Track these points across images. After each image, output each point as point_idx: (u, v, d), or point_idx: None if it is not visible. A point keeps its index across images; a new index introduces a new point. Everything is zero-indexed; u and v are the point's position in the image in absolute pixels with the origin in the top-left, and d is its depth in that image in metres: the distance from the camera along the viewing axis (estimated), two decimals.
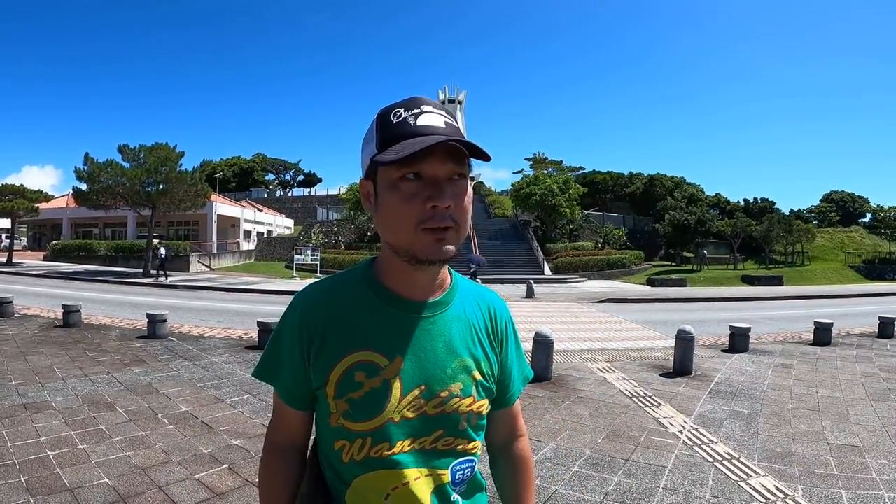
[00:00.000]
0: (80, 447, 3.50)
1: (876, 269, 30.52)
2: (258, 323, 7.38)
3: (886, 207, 37.07)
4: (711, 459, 3.60)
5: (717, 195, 45.39)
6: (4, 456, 3.30)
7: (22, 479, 2.99)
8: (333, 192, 55.52)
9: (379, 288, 0.89)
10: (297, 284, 20.50)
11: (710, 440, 3.99)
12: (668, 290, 21.86)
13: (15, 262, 26.83)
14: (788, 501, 3.00)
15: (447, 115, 0.82)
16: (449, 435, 0.87)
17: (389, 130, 0.79)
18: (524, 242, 32.84)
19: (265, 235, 42.57)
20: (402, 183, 0.78)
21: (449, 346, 0.88)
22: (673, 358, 6.48)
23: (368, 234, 33.82)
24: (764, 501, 2.99)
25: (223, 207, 38.34)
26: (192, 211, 25.56)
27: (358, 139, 0.88)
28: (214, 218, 35.74)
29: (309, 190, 68.24)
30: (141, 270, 23.12)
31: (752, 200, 44.48)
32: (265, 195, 63.50)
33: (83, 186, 21.92)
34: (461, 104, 58.19)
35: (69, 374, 5.44)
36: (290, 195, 67.14)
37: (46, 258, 31.17)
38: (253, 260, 33.90)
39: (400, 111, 0.81)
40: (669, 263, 33.56)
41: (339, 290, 0.91)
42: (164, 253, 21.47)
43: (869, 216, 48.01)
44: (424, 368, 0.86)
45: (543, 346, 5.88)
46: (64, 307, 8.64)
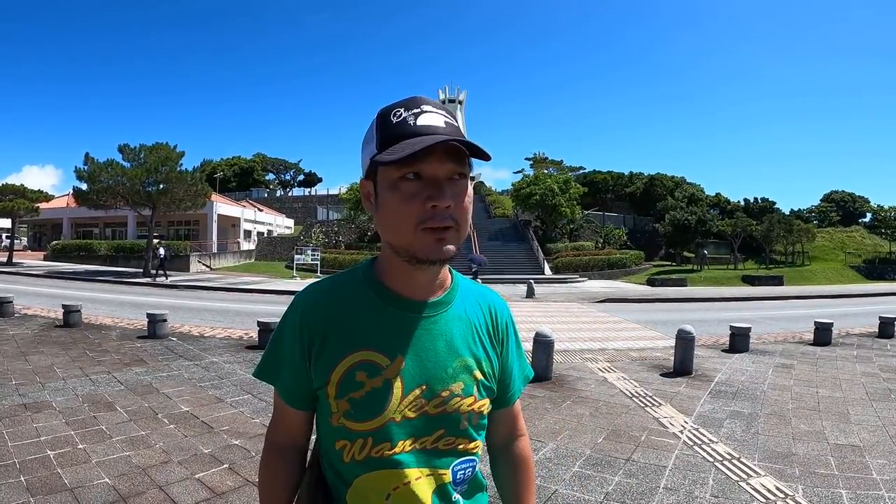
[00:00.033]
0: (80, 447, 3.51)
1: (876, 269, 30.50)
2: (258, 323, 7.38)
3: (887, 207, 37.13)
4: (712, 459, 3.60)
5: (717, 195, 45.38)
6: (5, 456, 3.30)
7: (22, 478, 2.99)
8: (334, 191, 55.56)
9: (380, 288, 0.89)
10: (297, 284, 20.51)
11: (710, 440, 3.99)
12: (668, 289, 21.85)
13: (15, 261, 26.85)
14: (789, 501, 3.00)
15: (447, 114, 0.82)
16: (450, 434, 0.87)
17: (389, 130, 0.79)
18: (524, 242, 32.84)
19: (265, 235, 42.58)
20: (402, 183, 0.78)
21: (450, 345, 0.88)
22: (673, 358, 6.48)
23: (369, 233, 33.82)
24: (764, 501, 2.99)
25: (223, 207, 38.37)
26: (192, 211, 25.57)
27: (358, 139, 0.88)
28: (215, 218, 35.77)
29: (309, 190, 68.31)
30: (141, 270, 23.13)
31: (752, 200, 44.47)
32: (265, 195, 63.55)
33: (83, 186, 21.93)
34: (461, 104, 58.20)
35: (69, 373, 5.44)
36: (290, 195, 67.18)
37: (47, 258, 31.18)
38: (253, 260, 33.89)
39: (400, 111, 0.80)
40: (670, 263, 33.54)
41: (339, 289, 0.91)
42: (163, 253, 21.45)
43: (869, 216, 48.04)
44: (425, 368, 0.86)
45: (544, 345, 5.88)
46: (64, 307, 8.65)
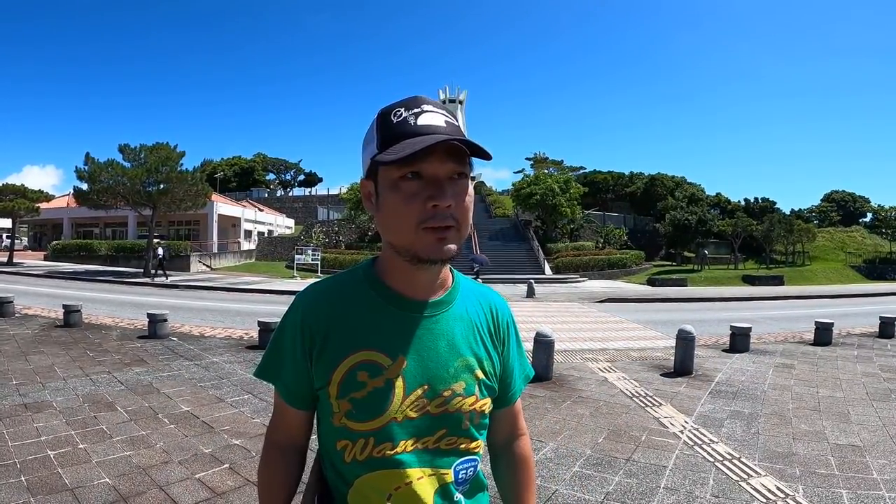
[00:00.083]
0: (80, 447, 3.51)
1: (877, 268, 30.48)
2: (259, 323, 7.38)
3: (887, 207, 37.11)
4: (712, 459, 3.60)
5: (717, 195, 45.39)
6: (5, 455, 3.30)
7: (23, 478, 2.99)
8: (334, 191, 55.51)
9: (381, 287, 0.89)
10: (297, 284, 20.51)
11: (710, 440, 3.99)
12: (668, 289, 21.83)
13: (16, 261, 26.83)
14: (789, 501, 3.00)
15: (448, 114, 0.82)
16: (452, 434, 0.87)
17: (390, 130, 0.79)
18: (525, 242, 32.84)
19: (266, 235, 42.59)
20: (402, 182, 0.78)
21: (451, 345, 0.88)
22: (674, 358, 6.48)
23: (369, 233, 33.82)
24: (765, 501, 2.99)
25: (224, 207, 38.38)
26: (192, 211, 25.56)
27: (358, 139, 0.88)
28: (215, 218, 35.78)
29: (309, 190, 68.31)
30: (142, 270, 23.12)
31: (752, 200, 44.47)
32: (266, 195, 63.55)
33: (84, 186, 21.92)
34: (462, 104, 58.12)
35: (70, 373, 5.44)
36: (290, 195, 67.18)
37: (47, 258, 31.15)
38: (253, 260, 33.88)
39: (400, 111, 0.80)
40: (670, 263, 33.52)
41: (340, 289, 0.91)
42: (161, 253, 21.42)
43: (870, 216, 48.05)
44: (427, 368, 0.86)
45: (544, 345, 5.88)
46: (65, 307, 8.65)
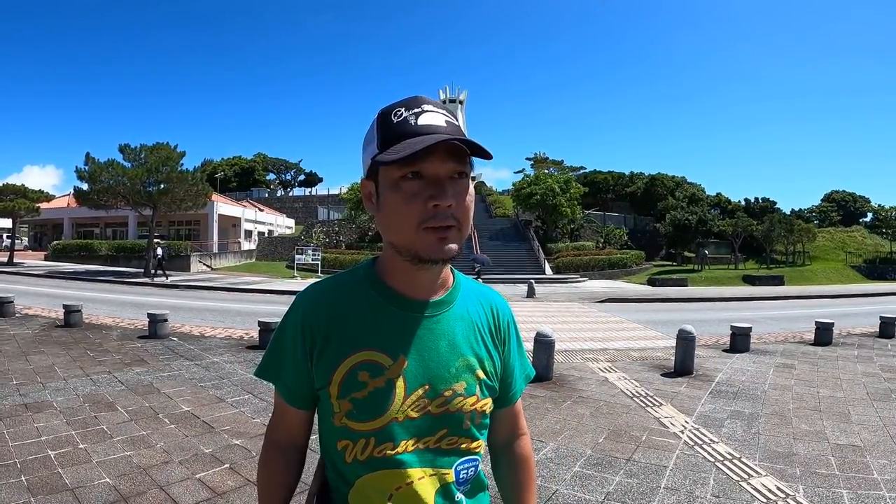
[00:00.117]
0: (81, 447, 3.51)
1: (877, 268, 30.46)
2: (259, 323, 7.38)
3: (887, 207, 37.04)
4: (713, 459, 3.60)
5: (717, 195, 45.38)
6: (5, 455, 3.30)
7: (23, 478, 2.99)
8: (334, 191, 55.53)
9: (382, 287, 0.88)
10: (298, 284, 20.51)
11: (711, 440, 3.98)
12: (669, 289, 21.83)
13: (16, 261, 26.83)
14: (790, 501, 3.00)
15: (448, 114, 0.82)
16: (453, 434, 0.87)
17: (390, 130, 0.79)
18: (525, 242, 32.83)
19: (266, 235, 42.59)
20: (403, 182, 0.78)
21: (452, 345, 0.88)
22: (674, 358, 6.48)
23: (369, 233, 33.82)
24: (765, 501, 2.98)
25: (224, 207, 38.38)
26: (193, 211, 25.56)
27: (358, 139, 0.88)
28: (215, 218, 35.77)
29: (310, 190, 68.28)
30: (142, 270, 23.12)
31: (752, 200, 44.45)
32: (266, 195, 63.56)
33: (84, 186, 21.93)
34: (462, 104, 58.10)
35: (70, 373, 5.44)
36: (290, 195, 67.19)
37: (47, 258, 31.16)
38: (254, 260, 33.89)
39: (401, 111, 0.80)
40: (670, 263, 33.52)
41: (341, 289, 0.90)
42: (160, 253, 21.41)
43: (870, 216, 48.00)
44: (428, 368, 0.86)
45: (544, 345, 5.88)
46: (65, 307, 8.65)
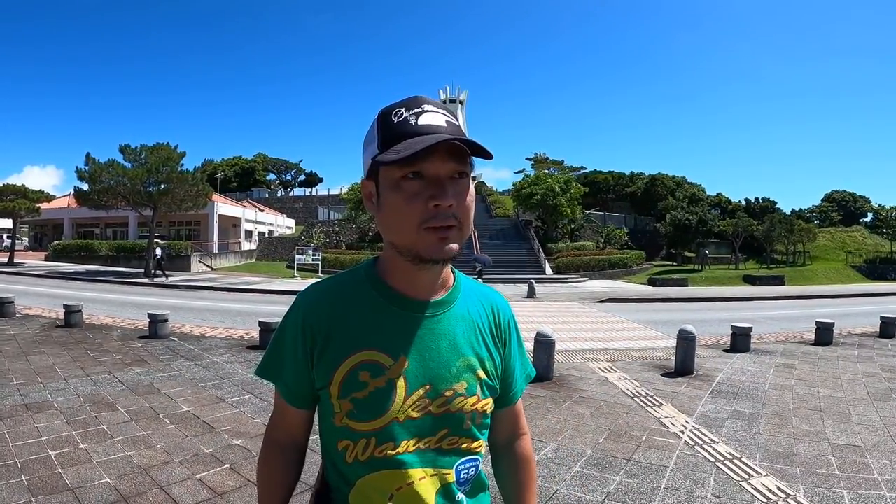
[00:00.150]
0: (81, 447, 3.51)
1: (877, 268, 30.45)
2: (259, 323, 7.38)
3: (888, 207, 36.84)
4: (713, 459, 3.59)
5: (718, 195, 45.36)
6: (6, 456, 3.30)
7: (23, 478, 3.00)
8: (335, 191, 55.53)
9: (382, 287, 0.88)
10: (298, 284, 20.51)
11: (711, 440, 3.98)
12: (669, 289, 21.82)
13: (16, 262, 26.82)
14: (790, 501, 3.00)
15: (448, 114, 0.82)
16: (453, 434, 0.87)
17: (391, 130, 0.79)
18: (525, 242, 32.84)
19: (266, 235, 42.59)
20: (404, 182, 0.78)
21: (453, 345, 0.88)
22: (674, 358, 6.47)
23: (370, 233, 33.82)
24: (765, 501, 2.98)
25: (224, 207, 38.38)
26: (193, 211, 25.57)
27: (358, 139, 0.87)
28: (216, 218, 35.77)
29: (310, 190, 68.29)
30: (142, 271, 23.12)
31: (753, 200, 44.43)
32: (266, 195, 63.56)
33: (84, 186, 21.92)
34: (462, 104, 58.13)
35: (70, 373, 5.44)
36: (291, 195, 67.20)
37: (48, 258, 31.17)
38: (254, 260, 33.90)
39: (401, 111, 0.80)
40: (671, 263, 33.50)
41: (341, 289, 0.90)
42: (160, 253, 21.40)
43: (870, 216, 47.90)
44: (429, 368, 0.86)
45: (545, 345, 5.88)
46: (65, 307, 8.66)
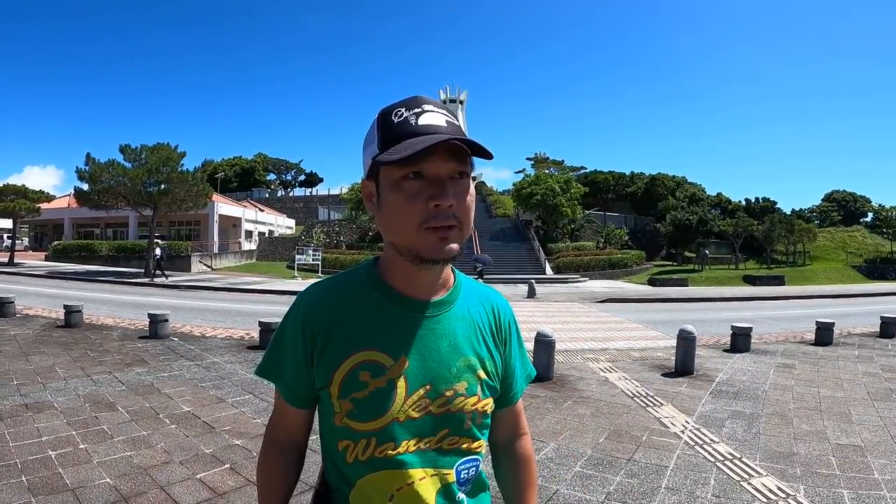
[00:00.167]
0: (81, 447, 3.51)
1: (877, 268, 30.45)
2: (260, 323, 7.38)
3: (888, 207, 36.84)
4: (713, 459, 3.59)
5: (718, 195, 45.34)
6: (6, 456, 3.30)
7: (23, 478, 3.00)
8: (335, 191, 55.47)
9: (383, 287, 0.88)
10: (298, 284, 20.51)
11: (711, 440, 3.98)
12: (669, 289, 21.82)
13: (17, 262, 26.82)
14: (790, 501, 3.00)
15: (448, 114, 0.82)
16: (454, 434, 0.87)
17: (391, 130, 0.79)
18: (526, 242, 32.85)
19: (267, 235, 42.58)
20: (404, 182, 0.78)
21: (453, 345, 0.88)
22: (674, 358, 6.47)
23: (370, 233, 33.82)
24: (766, 501, 2.98)
25: (224, 207, 38.37)
26: (193, 211, 25.58)
27: (359, 139, 0.87)
28: (216, 218, 35.77)
29: (310, 190, 68.25)
30: (142, 271, 23.14)
31: (753, 200, 44.42)
32: (266, 195, 63.54)
33: (85, 186, 21.93)
34: (462, 104, 58.12)
35: (71, 374, 5.44)
36: (291, 195, 67.18)
37: (48, 258, 31.17)
38: (254, 260, 33.89)
39: (401, 111, 0.80)
40: (671, 263, 33.50)
41: (341, 289, 0.90)
42: (159, 253, 21.40)
43: (870, 216, 47.89)
44: (429, 368, 0.86)
45: (545, 345, 5.87)
46: (65, 307, 8.66)
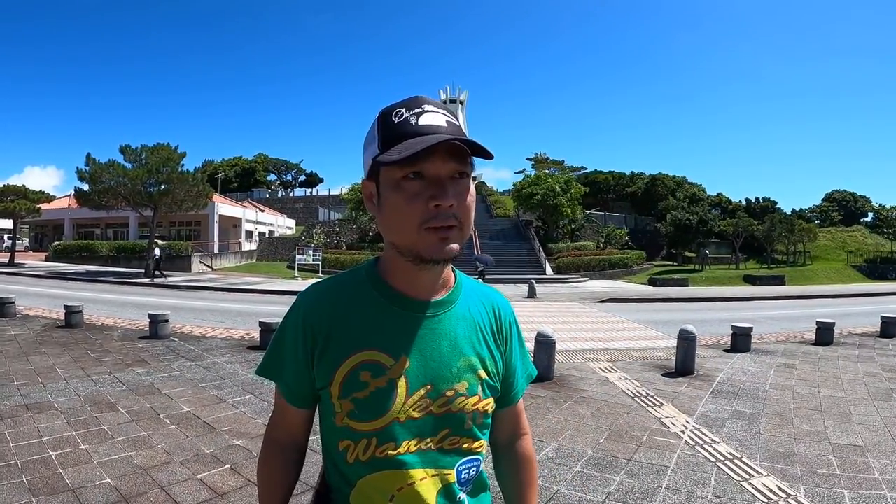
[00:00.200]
0: (82, 447, 3.51)
1: (878, 268, 30.44)
2: (260, 323, 7.39)
3: (888, 207, 36.84)
4: (714, 459, 3.59)
5: (718, 195, 45.33)
6: (7, 456, 3.30)
7: (24, 479, 3.00)
8: (335, 192, 55.41)
9: (383, 287, 0.88)
10: (298, 285, 20.52)
11: (712, 440, 3.98)
12: (669, 289, 21.82)
13: (17, 262, 26.86)
14: (791, 501, 3.00)
15: (449, 114, 0.82)
16: (454, 434, 0.87)
17: (391, 130, 0.79)
18: (526, 242, 32.84)
19: (267, 236, 42.57)
20: (404, 182, 0.78)
21: (454, 345, 0.88)
22: (675, 358, 6.47)
23: (370, 234, 33.81)
24: (766, 501, 2.98)
25: (225, 208, 38.36)
26: (193, 211, 25.61)
27: (359, 139, 0.87)
28: (216, 218, 35.76)
29: (310, 190, 68.22)
30: (143, 271, 23.15)
31: (753, 200, 44.41)
32: (267, 195, 63.51)
33: (85, 187, 21.96)
34: (463, 104, 58.10)
35: (71, 374, 5.45)
36: (291, 195, 67.15)
37: (48, 259, 31.20)
38: (255, 260, 33.90)
39: (401, 111, 0.80)
40: (671, 263, 33.49)
41: (342, 289, 0.90)
42: (158, 253, 21.42)
43: (871, 216, 47.87)
44: (430, 368, 0.86)
45: (545, 346, 5.87)
46: (66, 308, 8.66)
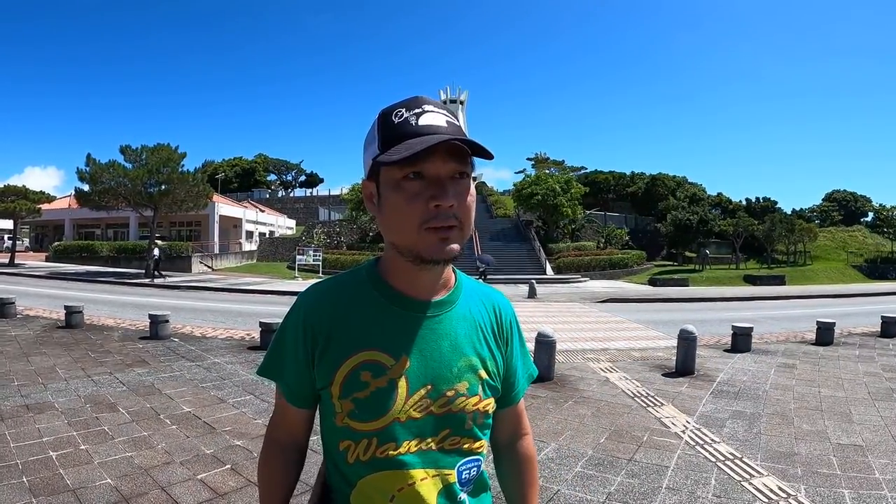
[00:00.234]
0: (82, 448, 3.51)
1: (878, 268, 30.46)
2: (260, 323, 7.39)
3: (889, 207, 36.79)
4: (714, 459, 3.59)
5: (718, 195, 45.35)
6: (7, 456, 3.30)
7: (24, 479, 3.00)
8: (335, 192, 55.40)
9: (384, 287, 0.88)
10: (299, 285, 20.52)
11: (712, 440, 3.98)
12: (670, 289, 21.82)
13: (17, 262, 26.90)
14: (791, 501, 3.00)
15: (449, 114, 0.82)
16: (455, 434, 0.87)
17: (391, 130, 0.79)
18: (526, 242, 32.84)
19: (267, 236, 42.55)
20: (404, 183, 0.78)
21: (455, 345, 0.88)
22: (675, 358, 6.47)
23: (370, 234, 33.81)
24: (767, 501, 2.98)
25: (225, 208, 38.35)
26: (194, 212, 25.64)
27: (359, 139, 0.87)
28: (216, 219, 35.75)
29: (311, 190, 68.18)
30: (143, 271, 23.16)
31: (753, 200, 44.46)
32: (267, 196, 63.50)
33: (85, 187, 21.99)
34: (463, 104, 58.08)
35: (71, 374, 5.45)
36: (291, 196, 67.13)
37: (48, 259, 31.23)
38: (255, 260, 33.91)
39: (401, 111, 0.80)
40: (671, 263, 33.49)
41: (342, 289, 0.90)
42: (157, 253, 21.44)
43: (871, 215, 47.84)
44: (430, 368, 0.86)
45: (546, 346, 5.87)
46: (66, 308, 8.67)
